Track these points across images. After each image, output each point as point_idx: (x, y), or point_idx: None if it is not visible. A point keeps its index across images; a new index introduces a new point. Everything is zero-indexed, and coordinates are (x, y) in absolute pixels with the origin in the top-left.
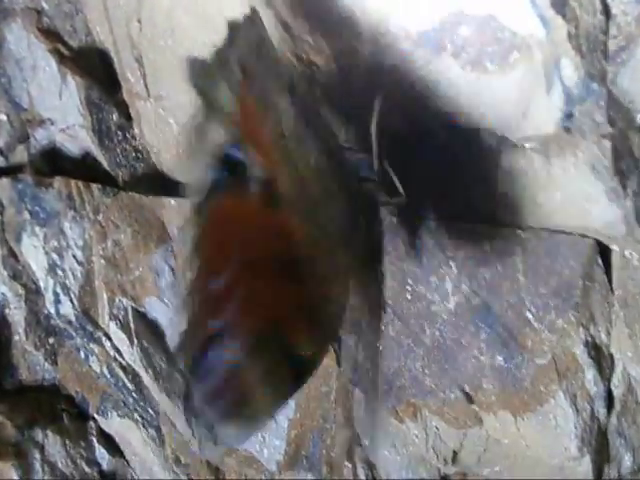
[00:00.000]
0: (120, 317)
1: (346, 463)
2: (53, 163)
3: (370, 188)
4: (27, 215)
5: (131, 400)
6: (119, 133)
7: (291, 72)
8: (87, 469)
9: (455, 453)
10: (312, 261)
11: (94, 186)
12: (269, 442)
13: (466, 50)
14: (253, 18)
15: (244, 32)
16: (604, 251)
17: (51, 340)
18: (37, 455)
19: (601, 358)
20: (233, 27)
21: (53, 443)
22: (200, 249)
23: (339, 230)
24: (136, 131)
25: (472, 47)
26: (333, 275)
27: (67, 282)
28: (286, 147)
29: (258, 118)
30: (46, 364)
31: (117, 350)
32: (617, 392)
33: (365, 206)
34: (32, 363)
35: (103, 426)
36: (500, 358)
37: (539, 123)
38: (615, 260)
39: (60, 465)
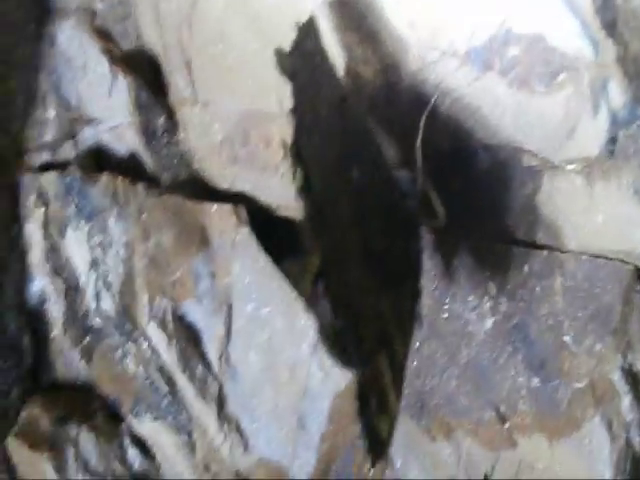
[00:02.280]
0: (159, 317)
1: None
2: (98, 161)
3: (411, 205)
4: (73, 209)
5: (165, 403)
6: (165, 136)
7: (343, 83)
8: (120, 468)
9: (486, 477)
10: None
11: (139, 185)
12: (300, 453)
13: (514, 69)
14: (310, 27)
15: (301, 41)
16: None
17: (88, 338)
18: (71, 450)
19: (638, 385)
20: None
21: (87, 440)
22: None
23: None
24: (181, 135)
25: (520, 66)
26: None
27: (109, 278)
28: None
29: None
30: (82, 362)
31: (154, 351)
32: None
33: (405, 223)
34: (68, 360)
35: (136, 428)
36: (536, 380)
37: (584, 145)
38: None
39: (93, 462)
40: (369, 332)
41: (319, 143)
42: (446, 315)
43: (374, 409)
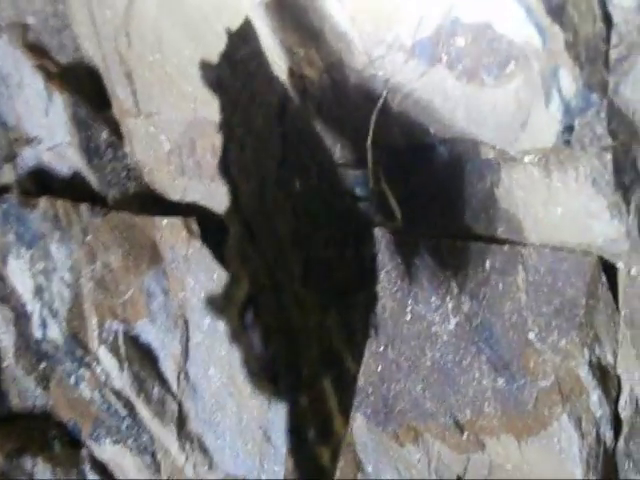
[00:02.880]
0: (110, 341)
1: None
2: (41, 183)
3: (364, 207)
4: (13, 237)
5: (124, 426)
6: (109, 151)
7: (283, 89)
8: None
9: (460, 478)
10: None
11: (82, 206)
12: (267, 468)
13: (462, 61)
14: (244, 32)
15: (233, 48)
16: (609, 269)
17: (42, 365)
18: None
19: (607, 379)
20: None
21: (43, 471)
22: None
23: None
24: (127, 149)
25: (468, 58)
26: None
27: (54, 305)
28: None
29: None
30: (37, 390)
31: (108, 375)
32: (625, 414)
33: (358, 227)
34: (23, 389)
35: (96, 453)
36: (502, 380)
37: (538, 136)
38: (621, 278)
39: None
40: (311, 354)
41: (253, 157)
42: (409, 317)
43: (314, 439)
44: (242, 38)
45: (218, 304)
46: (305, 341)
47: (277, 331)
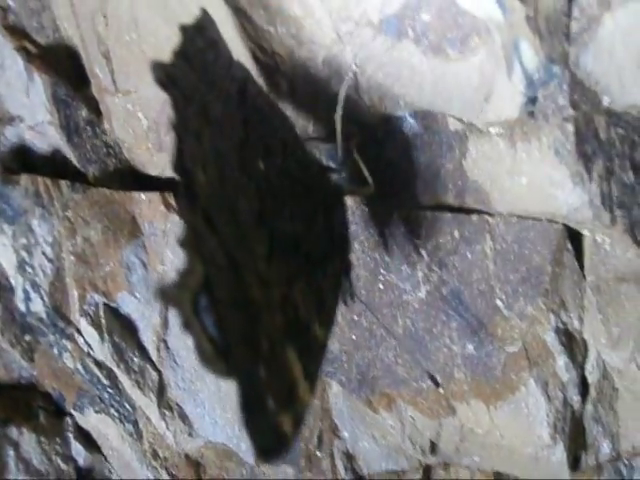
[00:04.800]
0: (91, 313)
1: (325, 455)
2: (23, 161)
3: (335, 177)
4: None
5: (107, 395)
6: (88, 129)
7: (244, 70)
8: (63, 465)
9: (433, 443)
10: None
11: (62, 182)
12: (245, 434)
13: (427, 36)
14: (203, 21)
15: (187, 42)
16: (575, 236)
17: (27, 337)
18: (11, 453)
19: (573, 345)
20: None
21: (28, 440)
22: None
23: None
24: (106, 126)
25: (432, 32)
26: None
27: (37, 279)
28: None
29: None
30: (22, 362)
31: (90, 346)
32: (592, 379)
33: (327, 196)
34: (8, 361)
35: (80, 422)
36: (471, 347)
37: (502, 108)
38: (586, 245)
39: (35, 462)
40: (274, 326)
41: (210, 146)
42: (382, 286)
43: (274, 408)
44: (197, 29)
45: (170, 294)
46: (267, 314)
47: (234, 308)
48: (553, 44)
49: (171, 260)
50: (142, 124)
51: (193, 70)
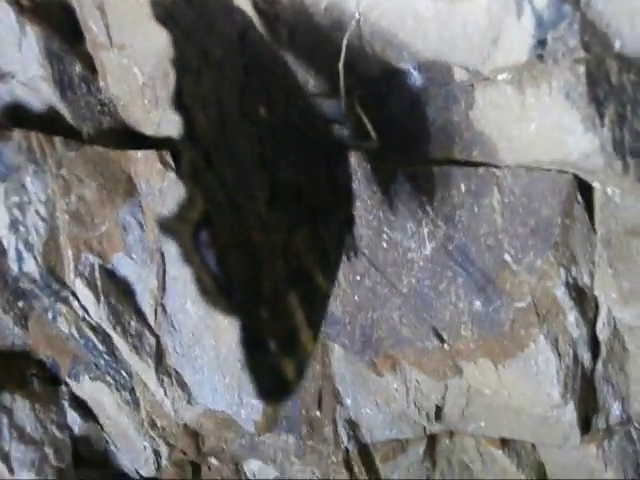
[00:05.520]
0: (86, 274)
1: (327, 422)
2: (16, 116)
3: (338, 131)
4: None
5: (102, 362)
6: (82, 85)
7: (245, 17)
8: (58, 434)
9: (438, 408)
10: None
11: (56, 139)
12: (246, 402)
13: None
14: None
15: None
16: (585, 189)
17: (20, 303)
18: (4, 420)
19: (584, 300)
20: None
21: (22, 407)
22: None
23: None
24: (101, 83)
25: None
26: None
27: (30, 239)
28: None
29: None
30: (16, 328)
31: (85, 309)
32: (602, 337)
33: (330, 148)
34: (1, 327)
35: (75, 390)
36: (478, 303)
37: (511, 51)
38: (597, 198)
39: (29, 429)
40: (276, 271)
41: (211, 87)
42: (385, 245)
43: (276, 351)
44: None
45: (170, 225)
46: (268, 258)
47: (236, 248)
48: None
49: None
50: (138, 79)
51: (192, 9)
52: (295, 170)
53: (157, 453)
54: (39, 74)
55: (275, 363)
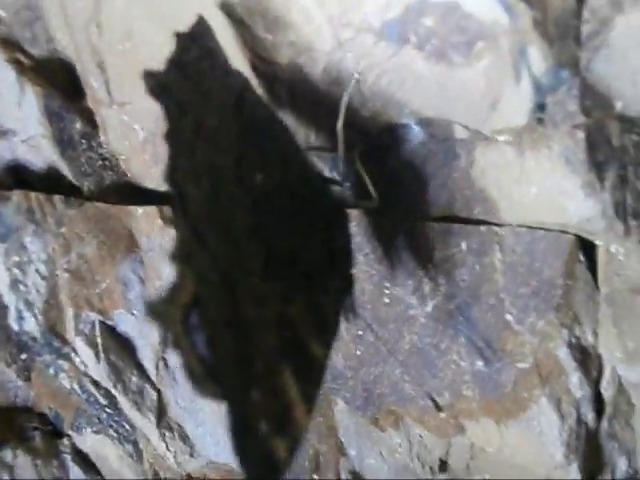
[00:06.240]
0: (87, 332)
1: (331, 474)
2: (16, 175)
3: (338, 189)
4: None
5: (105, 415)
6: (83, 142)
7: (242, 80)
8: None
9: (442, 462)
10: None
11: (56, 198)
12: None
13: (430, 41)
14: (199, 30)
15: (182, 50)
16: (588, 247)
17: (23, 356)
18: (5, 477)
19: (587, 360)
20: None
21: (24, 463)
22: None
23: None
24: (102, 139)
25: (436, 37)
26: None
27: (30, 298)
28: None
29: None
30: (19, 381)
31: (86, 365)
32: (607, 395)
33: (329, 209)
34: (4, 381)
35: (78, 443)
36: (480, 363)
37: (510, 115)
38: (600, 256)
39: None
40: (268, 346)
41: (205, 159)
42: (387, 300)
43: (268, 433)
44: (192, 38)
45: (158, 308)
46: (261, 333)
47: (227, 327)
48: (562, 48)
49: (168, 275)
50: (138, 136)
51: (187, 80)
52: (291, 237)
53: None
54: (40, 132)
55: (267, 446)
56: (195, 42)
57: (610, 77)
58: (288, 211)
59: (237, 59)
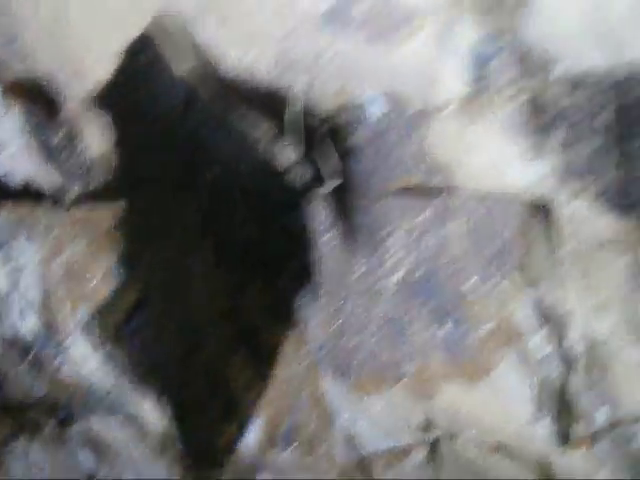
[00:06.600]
0: (83, 324)
1: (324, 439)
2: (4, 188)
3: (296, 175)
4: None
5: (110, 400)
6: (66, 150)
7: (189, 85)
8: (72, 472)
9: (428, 420)
10: None
11: (43, 205)
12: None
13: (367, 25)
14: (144, 41)
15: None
16: (545, 208)
17: (30, 353)
18: (20, 465)
19: (551, 318)
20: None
21: (37, 451)
22: None
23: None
24: (83, 145)
25: (372, 20)
26: None
27: (28, 299)
28: None
29: None
30: (29, 376)
31: (85, 356)
32: (579, 348)
33: (287, 196)
34: (13, 378)
35: (86, 429)
36: (447, 327)
37: (452, 86)
38: (560, 215)
39: (45, 472)
40: (220, 336)
41: (152, 165)
42: (356, 275)
43: (212, 420)
44: (141, 45)
45: (98, 318)
46: (213, 325)
47: (174, 326)
48: (494, 17)
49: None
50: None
51: (131, 93)
52: (244, 227)
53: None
54: (23, 145)
55: (211, 433)
56: (143, 49)
57: (545, 41)
58: (242, 204)
59: (186, 62)
